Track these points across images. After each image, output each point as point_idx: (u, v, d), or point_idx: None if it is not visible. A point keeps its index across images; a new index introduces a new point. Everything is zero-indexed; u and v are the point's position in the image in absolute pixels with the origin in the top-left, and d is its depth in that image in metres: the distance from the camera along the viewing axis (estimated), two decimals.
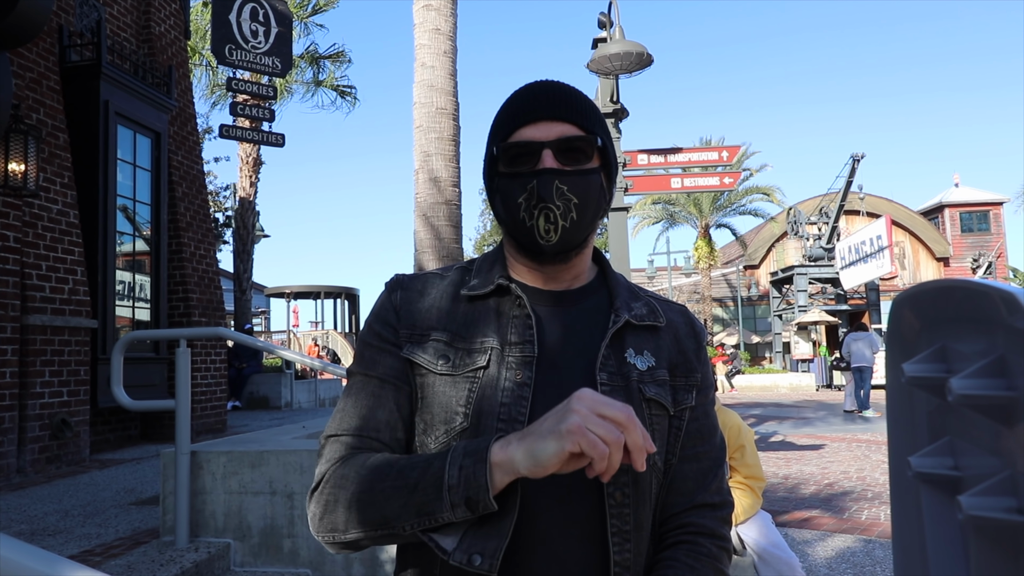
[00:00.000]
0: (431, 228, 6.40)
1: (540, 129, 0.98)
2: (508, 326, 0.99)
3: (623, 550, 0.93)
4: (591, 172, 0.99)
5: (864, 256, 23.66)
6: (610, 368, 0.97)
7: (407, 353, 0.99)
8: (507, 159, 0.99)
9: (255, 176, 15.95)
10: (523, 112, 0.99)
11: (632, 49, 7.48)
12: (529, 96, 1.01)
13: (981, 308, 0.62)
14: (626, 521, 0.93)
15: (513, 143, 0.98)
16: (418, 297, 1.04)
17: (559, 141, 0.97)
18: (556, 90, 1.02)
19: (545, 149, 0.97)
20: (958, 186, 35.42)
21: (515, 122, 0.99)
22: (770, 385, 21.89)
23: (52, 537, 3.89)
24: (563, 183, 0.96)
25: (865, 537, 4.52)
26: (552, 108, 0.99)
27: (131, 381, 4.70)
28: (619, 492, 0.93)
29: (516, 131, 0.99)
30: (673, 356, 1.03)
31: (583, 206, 0.97)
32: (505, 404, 0.94)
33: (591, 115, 1.01)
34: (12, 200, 5.85)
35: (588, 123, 1.00)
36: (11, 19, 5.16)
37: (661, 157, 8.78)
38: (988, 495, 0.60)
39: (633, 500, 0.94)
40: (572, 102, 1.00)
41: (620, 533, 0.93)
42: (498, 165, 1.01)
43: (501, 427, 0.93)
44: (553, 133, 0.97)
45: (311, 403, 13.43)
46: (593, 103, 1.04)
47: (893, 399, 0.76)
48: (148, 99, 7.77)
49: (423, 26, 6.61)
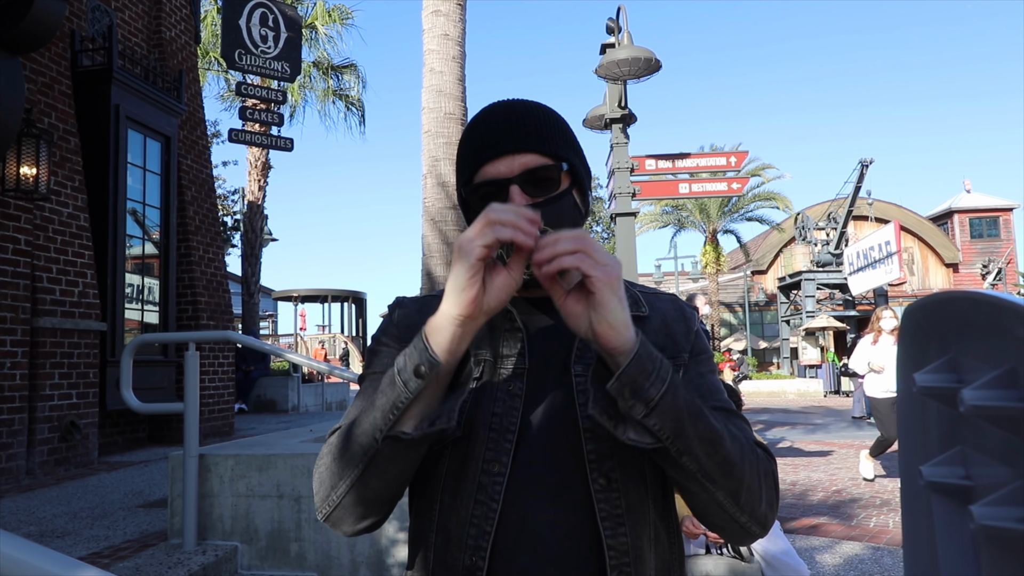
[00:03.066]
0: (439, 233, 6.41)
1: (504, 163, 0.96)
2: (500, 339, 1.00)
3: (617, 533, 0.91)
4: (562, 196, 0.98)
5: (872, 262, 23.56)
6: (586, 360, 0.96)
7: None
8: (475, 199, 0.99)
9: (264, 180, 16.01)
10: (485, 148, 0.97)
11: (640, 55, 7.49)
12: (488, 128, 0.99)
13: (993, 319, 0.62)
14: (616, 505, 0.92)
15: (479, 184, 0.97)
16: (416, 315, 1.05)
17: (524, 174, 0.95)
18: (516, 118, 0.99)
19: (512, 185, 0.95)
20: (969, 192, 35.26)
21: (478, 159, 0.98)
22: (778, 391, 21.80)
23: (61, 539, 3.91)
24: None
25: (874, 544, 4.50)
26: (513, 140, 0.96)
27: (140, 384, 4.72)
28: (603, 478, 0.92)
29: (480, 169, 0.98)
30: (659, 339, 1.01)
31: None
32: (497, 414, 0.95)
33: (555, 137, 0.99)
34: (23, 204, 5.89)
35: (552, 148, 0.98)
36: (24, 24, 5.21)
37: (669, 162, 8.78)
38: (1000, 505, 0.60)
39: (621, 484, 0.93)
40: (532, 129, 0.98)
41: (611, 517, 0.92)
42: (468, 202, 1.02)
43: (493, 436, 0.94)
44: (517, 166, 0.95)
45: (318, 407, 13.44)
46: (557, 120, 1.02)
47: (905, 408, 0.76)
48: (158, 103, 7.82)
49: (432, 31, 6.63)
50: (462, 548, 0.92)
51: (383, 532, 3.44)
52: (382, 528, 3.44)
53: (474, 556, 0.92)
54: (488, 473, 0.93)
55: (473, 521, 0.92)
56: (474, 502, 0.93)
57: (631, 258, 7.98)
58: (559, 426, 0.95)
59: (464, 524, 0.93)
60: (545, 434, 0.95)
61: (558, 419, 0.96)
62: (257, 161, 15.88)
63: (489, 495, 0.93)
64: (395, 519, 3.45)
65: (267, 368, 13.29)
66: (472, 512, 0.93)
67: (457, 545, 0.93)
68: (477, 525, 0.92)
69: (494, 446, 0.94)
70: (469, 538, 0.92)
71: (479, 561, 0.91)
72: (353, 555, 3.46)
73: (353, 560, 3.46)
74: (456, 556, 0.93)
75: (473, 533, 0.92)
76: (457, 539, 0.93)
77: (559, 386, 0.97)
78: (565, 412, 0.96)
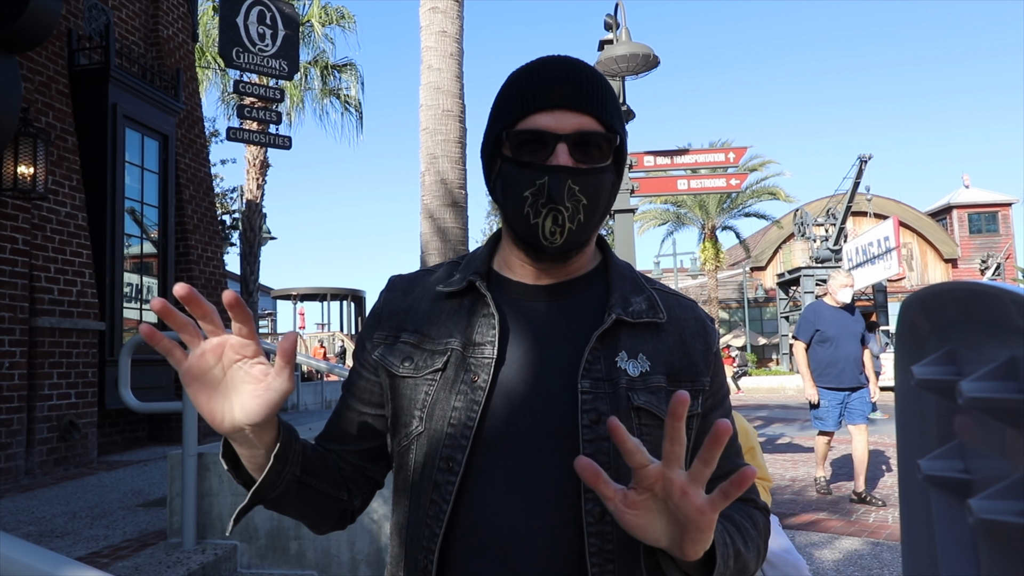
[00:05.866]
0: (438, 230, 6.41)
1: (555, 118, 0.88)
2: (475, 325, 0.93)
3: (604, 571, 0.83)
4: (604, 170, 0.91)
5: (871, 257, 23.57)
6: (596, 374, 0.88)
7: (378, 357, 0.98)
8: (515, 145, 0.90)
9: (262, 178, 15.98)
10: (538, 96, 0.89)
11: (638, 51, 7.48)
12: (546, 77, 0.90)
13: (992, 311, 0.62)
14: (607, 540, 0.84)
15: (525, 131, 0.88)
16: (401, 297, 1.01)
17: (576, 135, 0.88)
18: (576, 75, 0.90)
19: (560, 143, 0.87)
20: (968, 187, 35.27)
21: (528, 106, 0.89)
22: (776, 387, 21.82)
23: (60, 539, 3.90)
24: (576, 183, 0.87)
25: (873, 540, 4.50)
26: (571, 97, 0.88)
27: (138, 383, 4.72)
28: (599, 508, 0.84)
29: (528, 116, 0.89)
30: (675, 359, 0.93)
31: (592, 207, 0.90)
32: (457, 408, 0.89)
33: (611, 107, 0.91)
34: (21, 203, 5.88)
35: (608, 117, 0.90)
36: (20, 23, 5.20)
37: (667, 159, 8.77)
38: (999, 498, 0.60)
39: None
40: (594, 91, 0.90)
41: (600, 552, 0.84)
42: (503, 147, 0.92)
43: (451, 431, 0.88)
44: (570, 125, 0.88)
45: (317, 405, 13.45)
46: (612, 90, 0.93)
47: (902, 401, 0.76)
48: (156, 102, 7.81)
49: (429, 29, 6.62)
50: (420, 548, 0.88)
51: (382, 530, 3.44)
52: (381, 526, 3.44)
53: (425, 558, 0.87)
54: (442, 470, 0.88)
55: (427, 521, 0.88)
56: (429, 501, 0.88)
57: (630, 255, 7.97)
58: (546, 436, 0.87)
59: (420, 523, 0.89)
60: (523, 438, 0.88)
61: (545, 429, 0.88)
62: (255, 159, 15.86)
63: (442, 495, 0.87)
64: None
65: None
66: (427, 511, 0.88)
67: (416, 544, 0.89)
68: (429, 526, 0.87)
69: (451, 442, 0.88)
70: (423, 538, 0.88)
71: (428, 564, 0.86)
72: (353, 553, 3.46)
73: (353, 558, 3.45)
74: (416, 555, 0.89)
75: (426, 534, 0.88)
76: (416, 538, 0.89)
77: (550, 393, 0.89)
78: (558, 424, 0.87)
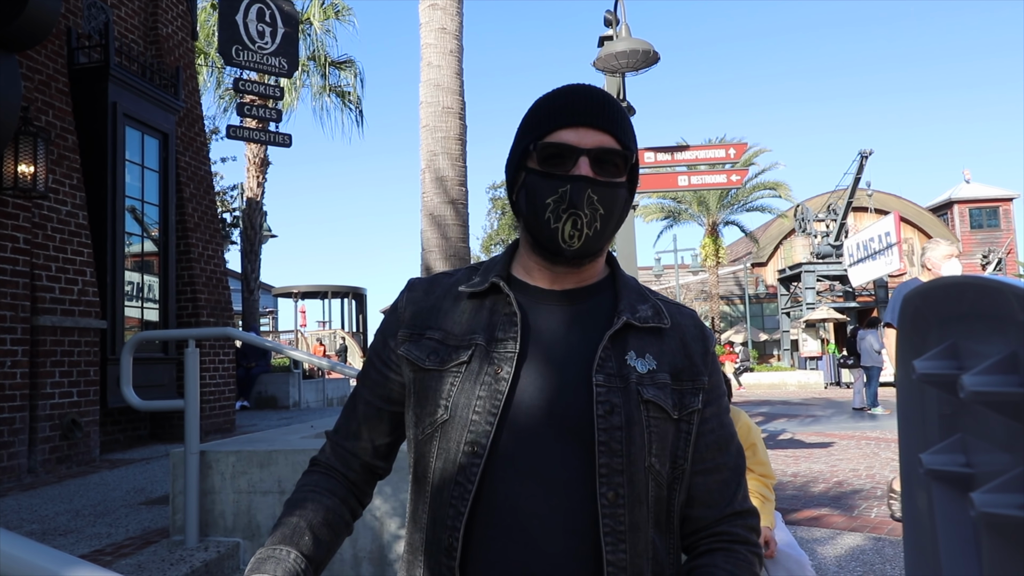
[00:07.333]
0: (438, 228, 6.40)
1: (579, 135, 0.99)
2: (497, 323, 1.02)
3: (617, 550, 0.92)
4: (619, 186, 1.01)
5: (873, 253, 23.55)
6: (608, 369, 0.97)
7: (404, 352, 1.06)
8: (541, 157, 1.00)
9: (262, 176, 15.97)
10: (564, 114, 1.00)
11: (638, 47, 7.46)
12: (572, 98, 1.02)
13: (993, 305, 0.62)
14: (620, 521, 0.93)
15: (552, 143, 0.99)
16: (423, 296, 1.10)
17: (597, 151, 0.98)
18: (599, 99, 1.02)
19: (582, 156, 0.98)
20: (969, 182, 35.22)
21: (555, 122, 1.00)
22: (778, 383, 21.82)
23: (63, 537, 3.91)
24: (595, 192, 0.98)
25: (875, 535, 4.50)
26: (594, 116, 1.00)
27: (140, 381, 4.73)
28: (612, 492, 0.93)
29: (554, 131, 1.00)
30: (678, 360, 1.03)
31: (608, 217, 1.00)
32: (481, 397, 0.97)
33: (628, 130, 1.03)
34: (22, 202, 5.88)
35: (625, 138, 1.02)
36: (20, 22, 5.19)
37: (668, 155, 8.76)
38: (1001, 492, 0.59)
39: (628, 500, 0.94)
40: (614, 115, 1.02)
41: (613, 533, 0.92)
42: (528, 160, 1.02)
43: (475, 418, 0.96)
44: (591, 141, 0.99)
45: (319, 402, 13.46)
46: (628, 116, 1.05)
47: (904, 396, 0.76)
48: (156, 100, 7.80)
49: (429, 25, 6.61)
50: (444, 528, 0.95)
51: (385, 527, 3.45)
52: (384, 523, 3.45)
53: (450, 536, 0.94)
54: (467, 454, 0.95)
55: (451, 502, 0.95)
56: (454, 483, 0.95)
57: (631, 251, 7.97)
58: (563, 425, 0.96)
59: (445, 504, 0.95)
60: (543, 426, 0.96)
61: (563, 418, 0.96)
62: (256, 157, 15.84)
63: (467, 476, 0.94)
64: (397, 515, 3.45)
65: (268, 365, 13.30)
66: (452, 492, 0.95)
67: (441, 525, 0.95)
68: (454, 506, 0.94)
69: (475, 428, 0.96)
70: (448, 518, 0.94)
71: (453, 541, 0.93)
72: (355, 550, 3.46)
73: (355, 555, 3.46)
74: (440, 535, 0.95)
75: (451, 513, 0.94)
76: (441, 519, 0.96)
77: (567, 386, 0.97)
78: (574, 415, 0.96)
